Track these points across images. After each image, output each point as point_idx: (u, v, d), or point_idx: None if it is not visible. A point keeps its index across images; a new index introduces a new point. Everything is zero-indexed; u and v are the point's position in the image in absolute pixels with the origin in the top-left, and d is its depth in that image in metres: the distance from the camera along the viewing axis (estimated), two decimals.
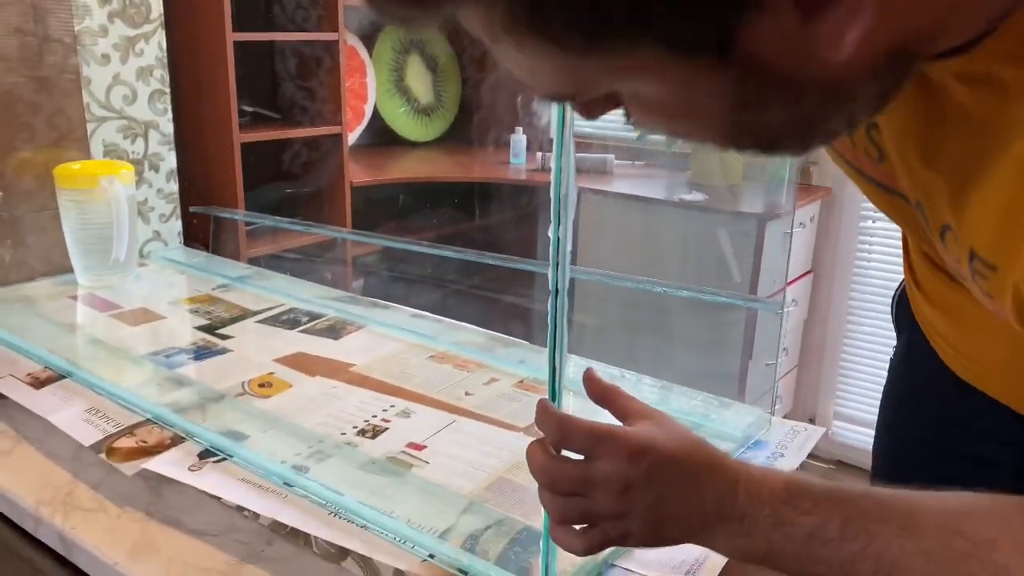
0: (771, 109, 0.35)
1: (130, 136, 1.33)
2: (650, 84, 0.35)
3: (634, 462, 0.47)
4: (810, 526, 0.43)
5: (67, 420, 0.82)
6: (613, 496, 0.48)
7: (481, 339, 1.06)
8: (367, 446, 0.78)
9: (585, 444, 0.49)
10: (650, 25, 0.31)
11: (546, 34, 0.32)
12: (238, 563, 0.67)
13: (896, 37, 0.33)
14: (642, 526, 0.48)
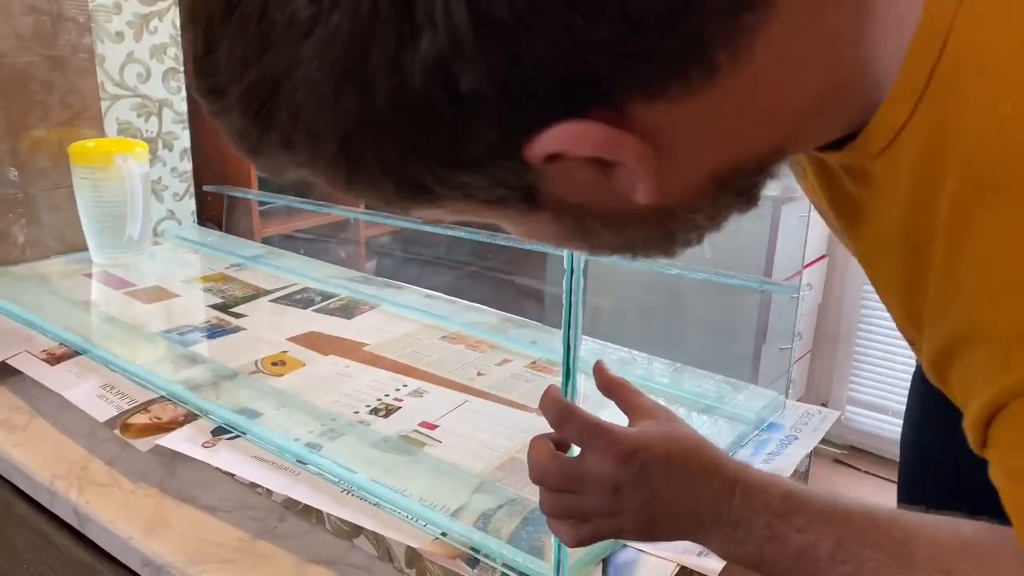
0: (603, 236, 0.37)
1: (144, 114, 1.32)
2: (495, 219, 0.37)
3: (625, 463, 0.47)
4: (802, 544, 0.43)
5: (82, 396, 0.83)
6: (603, 495, 0.48)
7: (494, 320, 1.06)
8: (380, 425, 0.78)
9: (579, 436, 0.49)
10: (459, 189, 0.33)
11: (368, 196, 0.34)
12: (251, 539, 0.67)
13: (711, 169, 0.34)
14: (634, 524, 0.48)
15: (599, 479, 0.48)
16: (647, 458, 0.47)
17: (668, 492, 0.47)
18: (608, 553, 0.61)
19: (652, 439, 0.48)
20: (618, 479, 0.47)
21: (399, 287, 1.17)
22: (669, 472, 0.47)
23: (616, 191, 0.34)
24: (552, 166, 0.32)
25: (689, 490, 0.47)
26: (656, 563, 0.60)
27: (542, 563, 0.57)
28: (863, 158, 0.36)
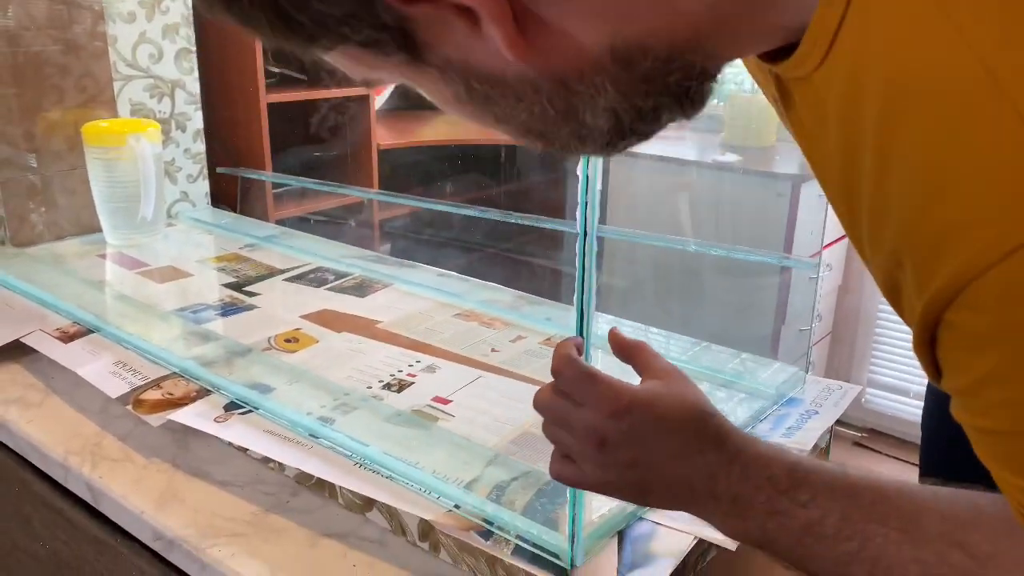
0: (502, 106, 0.37)
1: (156, 95, 1.32)
2: (393, 77, 0.37)
3: (614, 418, 0.46)
4: (806, 520, 0.41)
5: (95, 373, 0.82)
6: (590, 446, 0.47)
7: (508, 298, 1.05)
8: (392, 399, 0.77)
9: (573, 385, 0.48)
10: (329, 26, 0.33)
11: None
12: (263, 513, 0.67)
13: (605, 43, 0.34)
14: (623, 483, 0.47)
15: (586, 429, 0.47)
16: (639, 418, 0.46)
17: (658, 456, 0.46)
18: (623, 526, 0.60)
19: (649, 399, 0.46)
20: (605, 433, 0.46)
21: (412, 266, 1.16)
22: (660, 436, 0.45)
23: (491, 50, 0.34)
24: (419, 10, 0.32)
25: (682, 458, 0.45)
26: (672, 535, 0.59)
27: (557, 535, 0.56)
28: (807, 68, 0.35)
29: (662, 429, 0.46)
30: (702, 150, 1.97)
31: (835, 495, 0.41)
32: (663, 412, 0.46)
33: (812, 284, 0.96)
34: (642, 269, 1.77)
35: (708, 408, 0.47)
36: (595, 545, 0.57)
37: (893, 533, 0.39)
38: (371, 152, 1.75)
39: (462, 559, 0.59)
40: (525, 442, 0.70)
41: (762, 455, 0.44)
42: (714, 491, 0.44)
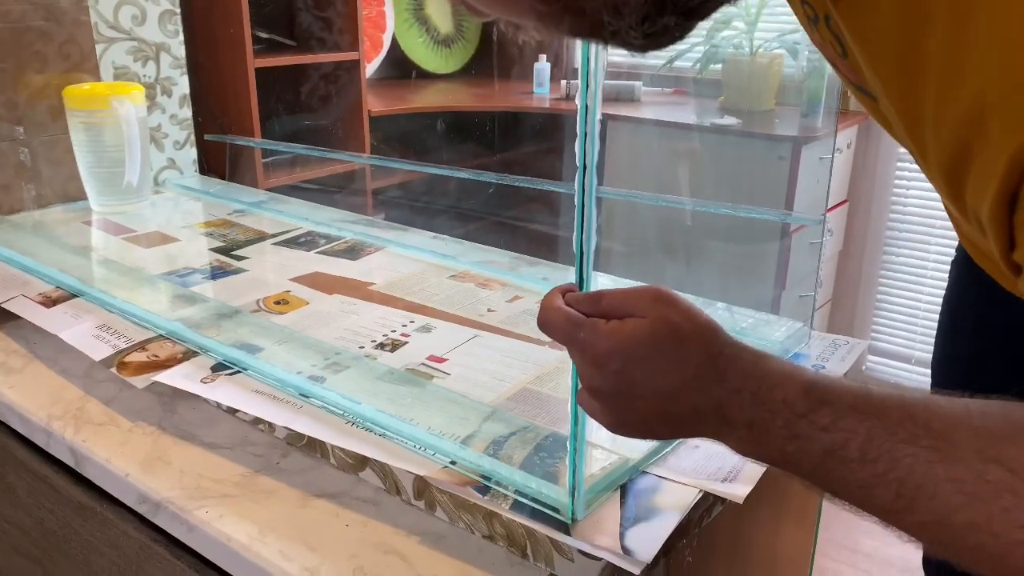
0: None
1: (140, 59, 1.28)
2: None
3: (598, 367, 0.44)
4: (828, 443, 0.39)
5: (77, 336, 0.80)
6: (586, 390, 0.46)
7: (504, 259, 1.02)
8: (386, 358, 0.75)
9: (559, 333, 0.46)
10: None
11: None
12: (252, 474, 0.64)
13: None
14: (622, 423, 0.46)
15: (581, 374, 0.46)
16: (623, 363, 0.43)
17: (654, 397, 0.43)
18: (626, 479, 0.57)
19: (632, 341, 0.43)
20: (593, 382, 0.45)
21: (405, 230, 1.13)
22: (650, 377, 0.43)
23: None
24: None
25: (682, 394, 0.43)
26: (678, 489, 0.57)
27: (557, 488, 0.54)
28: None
29: (651, 371, 0.43)
30: (700, 114, 1.93)
31: (858, 415, 0.38)
32: (647, 352, 0.43)
33: (814, 248, 0.94)
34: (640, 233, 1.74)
35: (699, 335, 0.43)
36: (596, 499, 0.54)
37: (923, 452, 0.36)
38: (362, 119, 1.71)
39: (459, 516, 0.56)
40: (523, 398, 0.68)
41: (773, 375, 0.41)
42: (726, 419, 0.42)
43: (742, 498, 0.55)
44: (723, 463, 0.59)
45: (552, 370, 0.73)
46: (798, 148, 1.69)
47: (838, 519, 1.73)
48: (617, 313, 0.45)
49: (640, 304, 0.45)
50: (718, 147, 1.81)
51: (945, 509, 0.35)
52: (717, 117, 1.85)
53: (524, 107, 2.14)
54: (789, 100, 1.84)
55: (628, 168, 1.91)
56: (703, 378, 0.42)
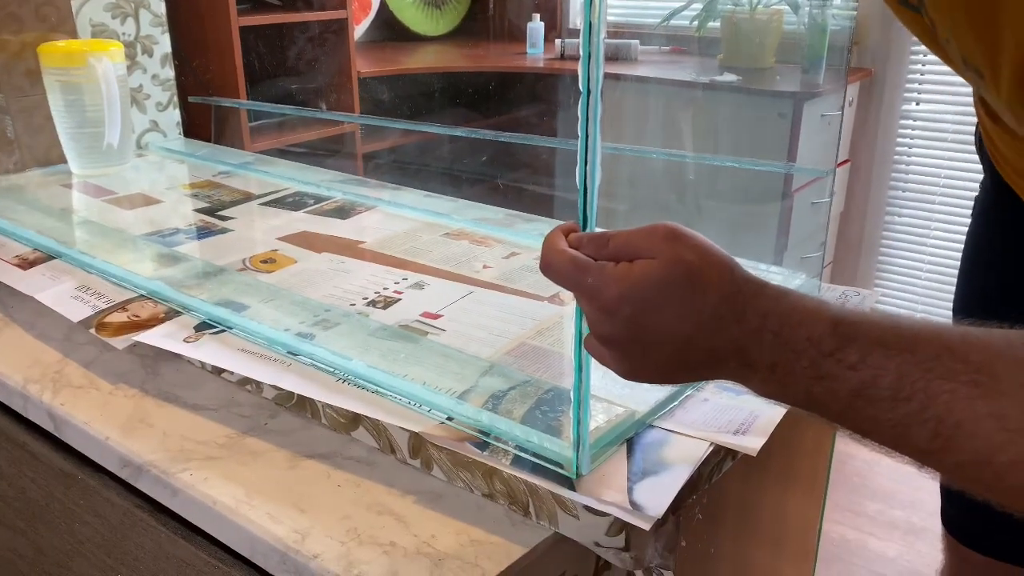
0: None
1: (119, 16, 1.23)
2: None
3: (608, 315, 0.41)
4: (857, 382, 0.36)
5: (55, 297, 0.76)
6: (595, 337, 0.43)
7: (499, 216, 0.98)
8: (378, 315, 0.72)
9: (565, 281, 0.43)
10: None
11: None
12: (239, 436, 0.61)
13: None
14: (635, 371, 0.43)
15: (589, 320, 0.43)
16: (635, 309, 0.40)
17: (670, 341, 0.40)
18: (632, 433, 0.54)
19: (643, 285, 0.40)
20: (603, 329, 0.42)
21: (397, 188, 1.09)
22: (665, 322, 0.40)
23: None
24: None
25: (700, 337, 0.40)
26: (687, 442, 0.54)
27: (560, 442, 0.51)
28: None
29: (665, 316, 0.40)
30: (700, 71, 1.89)
31: (888, 352, 0.35)
32: (660, 296, 0.40)
33: (817, 208, 0.90)
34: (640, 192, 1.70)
35: (714, 273, 0.40)
36: (602, 453, 0.51)
37: (962, 388, 0.33)
38: (351, 81, 1.66)
39: (456, 474, 0.53)
40: (523, 353, 0.64)
41: (796, 312, 0.38)
42: (747, 361, 0.39)
43: (755, 451, 0.52)
44: (734, 416, 0.56)
45: (552, 325, 0.70)
46: (799, 105, 1.65)
47: (842, 482, 1.71)
48: (626, 255, 0.42)
49: (650, 244, 0.42)
50: (717, 105, 1.77)
51: (987, 448, 0.32)
52: (716, 75, 1.81)
53: (517, 68, 2.09)
54: (790, 57, 1.79)
55: (626, 127, 1.87)
56: (721, 318, 0.39)
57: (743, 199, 1.61)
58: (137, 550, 0.64)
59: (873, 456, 1.63)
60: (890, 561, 1.54)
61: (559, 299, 0.75)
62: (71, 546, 0.72)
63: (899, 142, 2.05)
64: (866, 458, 1.77)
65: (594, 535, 0.48)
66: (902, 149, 2.05)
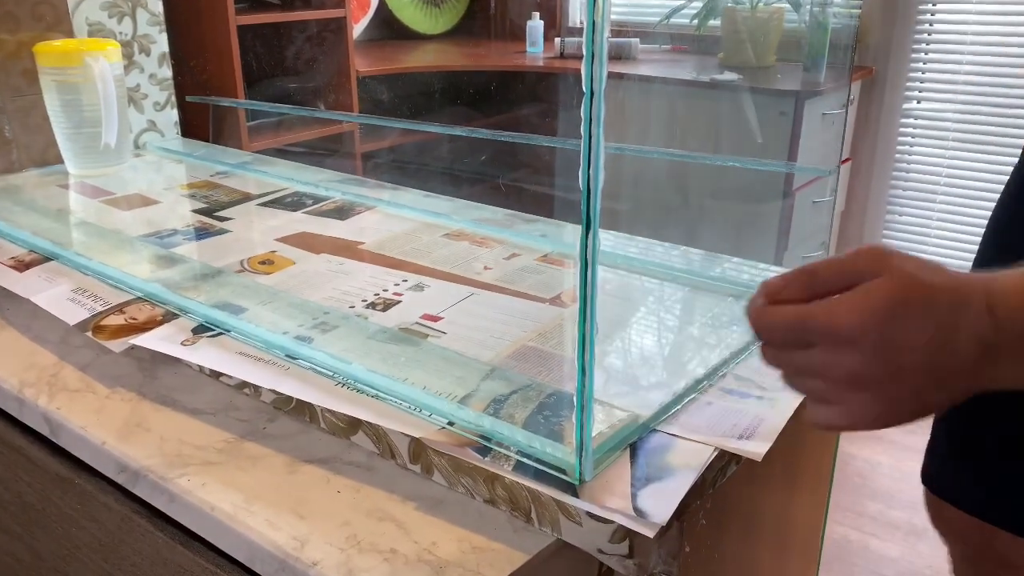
0: None
1: (116, 15, 1.22)
2: None
3: (854, 348, 0.39)
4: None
5: (51, 300, 0.75)
6: (841, 385, 0.41)
7: (500, 217, 0.98)
8: (377, 318, 0.71)
9: (788, 336, 0.41)
10: None
11: None
12: (237, 440, 0.61)
13: None
14: (893, 401, 0.40)
15: (829, 371, 0.40)
16: (880, 331, 0.39)
17: (921, 353, 0.39)
18: (636, 438, 0.54)
19: (881, 306, 0.39)
20: (852, 369, 0.40)
21: (396, 188, 1.09)
22: (914, 335, 0.39)
23: None
24: None
25: (944, 337, 0.39)
26: (691, 447, 0.53)
27: (562, 447, 0.50)
28: None
29: (911, 329, 0.39)
30: (700, 70, 1.88)
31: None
32: (901, 310, 0.39)
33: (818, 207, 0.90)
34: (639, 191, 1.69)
35: (940, 278, 0.39)
36: (605, 458, 0.51)
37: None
38: (350, 80, 1.65)
39: (458, 480, 0.53)
40: (524, 356, 0.64)
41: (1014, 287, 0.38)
42: (989, 344, 0.38)
43: (760, 455, 0.52)
44: (738, 420, 0.56)
45: (553, 327, 0.69)
46: (800, 103, 1.64)
47: (844, 482, 1.71)
48: (842, 284, 0.41)
49: (864, 266, 0.40)
50: (717, 103, 1.76)
51: None
52: (717, 73, 1.80)
53: (517, 66, 2.08)
54: (791, 55, 1.79)
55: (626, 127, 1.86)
56: (956, 311, 0.39)
57: (744, 198, 1.60)
58: (135, 556, 0.64)
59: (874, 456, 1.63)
60: (891, 561, 1.54)
61: (560, 301, 0.75)
62: (68, 551, 0.71)
63: (900, 141, 2.04)
64: (868, 458, 1.77)
65: (597, 542, 0.47)
66: (903, 148, 2.04)
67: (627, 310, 0.74)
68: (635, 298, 0.77)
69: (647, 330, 0.71)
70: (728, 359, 0.64)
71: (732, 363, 0.64)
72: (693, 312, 0.74)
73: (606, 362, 0.63)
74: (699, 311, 0.73)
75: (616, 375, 0.61)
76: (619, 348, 0.66)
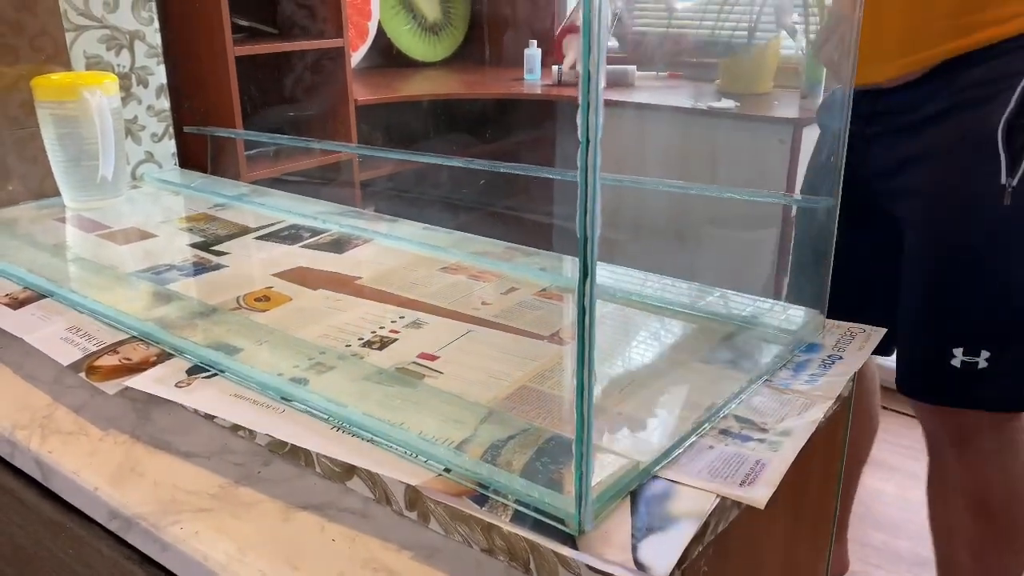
0: None
1: (114, 47, 1.23)
2: None
3: None
4: None
5: (45, 339, 0.75)
6: None
7: (498, 250, 0.97)
8: (374, 357, 0.70)
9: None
10: None
11: None
12: (232, 485, 0.60)
13: None
14: None
15: None
16: None
17: None
18: (636, 485, 0.53)
19: None
20: None
21: (394, 220, 1.08)
22: None
23: None
24: None
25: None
26: (692, 494, 0.52)
27: (561, 497, 0.49)
28: None
29: None
30: (697, 97, 1.88)
31: None
32: None
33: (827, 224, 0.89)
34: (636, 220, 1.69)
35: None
36: (605, 507, 0.50)
37: None
38: (349, 109, 1.66)
39: (454, 528, 0.52)
40: (522, 398, 0.63)
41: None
42: None
43: (763, 503, 0.51)
44: (740, 464, 0.55)
45: (553, 366, 0.68)
46: (799, 131, 1.65)
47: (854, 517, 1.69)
48: None
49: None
50: (714, 131, 1.76)
51: None
52: (714, 100, 1.81)
53: (515, 94, 2.09)
54: (788, 82, 1.79)
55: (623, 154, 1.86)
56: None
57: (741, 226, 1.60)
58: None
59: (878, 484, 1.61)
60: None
61: (559, 338, 0.74)
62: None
63: None
64: (870, 487, 1.75)
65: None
66: None
67: (623, 346, 0.73)
68: (631, 333, 0.76)
69: (644, 368, 0.70)
70: (728, 399, 0.63)
71: (732, 403, 0.63)
72: (691, 348, 0.73)
73: (604, 403, 0.62)
74: (696, 347, 0.72)
75: (614, 416, 0.61)
76: (616, 387, 0.65)
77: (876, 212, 1.02)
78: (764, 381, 0.66)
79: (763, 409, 0.62)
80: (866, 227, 1.02)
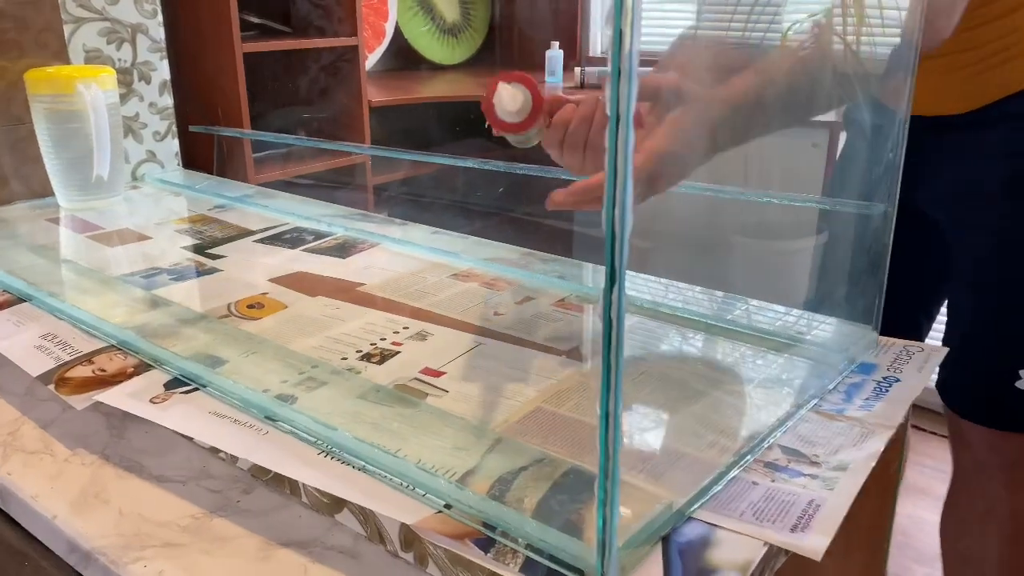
0: None
1: (115, 41, 1.17)
2: None
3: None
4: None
5: (16, 347, 0.68)
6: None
7: (514, 255, 0.90)
8: (372, 372, 0.63)
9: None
10: None
11: None
12: (206, 515, 0.52)
13: None
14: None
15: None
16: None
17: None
18: (668, 529, 0.45)
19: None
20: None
21: (403, 224, 1.01)
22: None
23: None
24: None
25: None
26: (735, 540, 0.44)
27: (580, 543, 0.41)
28: None
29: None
30: None
31: None
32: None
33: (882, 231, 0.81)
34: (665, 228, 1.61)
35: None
36: (632, 555, 0.42)
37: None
38: (362, 110, 1.59)
39: (456, 574, 0.44)
40: (536, 421, 0.55)
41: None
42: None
43: (820, 554, 0.43)
44: (791, 505, 0.47)
45: (572, 385, 0.61)
46: (835, 134, 1.56)
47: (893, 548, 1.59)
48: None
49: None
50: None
51: None
52: None
53: None
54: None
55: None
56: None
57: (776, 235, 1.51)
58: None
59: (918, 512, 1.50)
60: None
61: (578, 353, 0.66)
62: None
63: None
64: (911, 515, 1.65)
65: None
66: None
67: (652, 366, 0.65)
68: (661, 351, 0.69)
69: (676, 390, 0.62)
70: (773, 427, 0.55)
71: (777, 431, 0.55)
72: (728, 368, 0.65)
73: (631, 433, 0.54)
74: (734, 366, 0.64)
75: (643, 448, 0.53)
76: (645, 414, 0.57)
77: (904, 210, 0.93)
78: (813, 406, 0.58)
79: (813, 439, 0.54)
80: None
